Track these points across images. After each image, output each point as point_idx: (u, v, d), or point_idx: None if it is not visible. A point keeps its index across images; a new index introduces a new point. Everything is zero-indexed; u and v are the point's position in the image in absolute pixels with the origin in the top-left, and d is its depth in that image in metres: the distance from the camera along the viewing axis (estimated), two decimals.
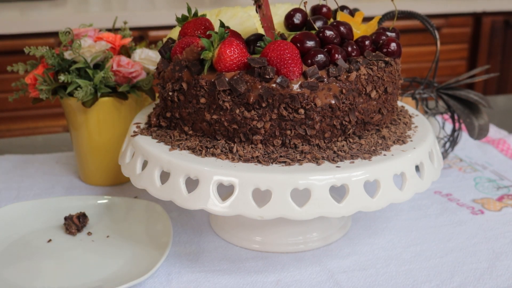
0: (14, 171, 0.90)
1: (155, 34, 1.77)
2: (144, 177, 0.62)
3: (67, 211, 0.74)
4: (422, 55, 2.03)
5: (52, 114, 1.77)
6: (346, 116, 0.61)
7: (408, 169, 0.61)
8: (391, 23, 0.71)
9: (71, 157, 0.94)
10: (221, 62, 0.59)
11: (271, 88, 0.58)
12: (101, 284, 0.61)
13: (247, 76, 0.58)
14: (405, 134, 0.67)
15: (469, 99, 0.82)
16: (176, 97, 0.64)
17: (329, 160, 0.59)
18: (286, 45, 0.57)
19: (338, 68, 0.59)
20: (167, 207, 0.76)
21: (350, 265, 0.66)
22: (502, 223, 0.75)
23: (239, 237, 0.70)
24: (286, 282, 0.63)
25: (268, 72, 0.57)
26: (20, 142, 1.04)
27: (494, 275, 0.64)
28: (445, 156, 0.90)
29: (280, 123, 0.59)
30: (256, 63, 0.57)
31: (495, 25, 2.09)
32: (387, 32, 0.68)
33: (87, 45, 0.77)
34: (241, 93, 0.58)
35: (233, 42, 0.59)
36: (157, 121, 0.67)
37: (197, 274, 0.64)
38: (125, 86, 0.78)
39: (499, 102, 1.29)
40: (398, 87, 0.68)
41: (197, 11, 0.66)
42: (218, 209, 0.57)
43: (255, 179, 0.56)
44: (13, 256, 0.66)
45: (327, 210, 0.57)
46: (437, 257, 0.67)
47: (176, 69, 0.63)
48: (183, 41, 0.63)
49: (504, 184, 0.86)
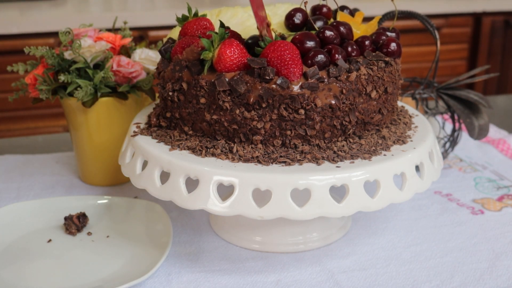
0: (14, 171, 0.90)
1: (155, 34, 1.77)
2: (144, 177, 0.62)
3: (67, 211, 0.74)
4: (422, 55, 2.03)
5: (52, 114, 1.77)
6: (346, 116, 0.61)
7: (408, 169, 0.61)
8: (391, 23, 0.71)
9: (71, 157, 0.94)
10: (221, 62, 0.59)
11: (271, 89, 0.58)
12: (101, 284, 0.61)
13: (247, 77, 0.58)
14: (405, 134, 0.67)
15: (469, 99, 0.82)
16: (176, 97, 0.64)
17: (329, 160, 0.59)
18: (286, 45, 0.57)
19: (338, 68, 0.59)
20: (167, 207, 0.76)
21: (350, 265, 0.66)
22: (502, 223, 0.75)
23: (239, 237, 0.70)
24: (286, 282, 0.63)
25: (268, 73, 0.57)
26: (20, 142, 1.04)
27: (494, 275, 0.64)
28: (445, 156, 0.90)
29: (280, 123, 0.59)
30: (256, 64, 0.57)
31: (495, 25, 2.09)
32: (387, 32, 0.68)
33: (87, 45, 0.77)
34: (241, 94, 0.58)
35: (233, 42, 0.59)
36: (157, 121, 0.67)
37: (197, 274, 0.64)
38: (125, 86, 0.78)
39: (499, 102, 1.29)
40: (398, 87, 0.68)
41: (197, 11, 0.66)
42: (218, 209, 0.57)
43: (255, 179, 0.56)
44: (13, 256, 0.66)
45: (327, 210, 0.57)
46: (437, 257, 0.67)
47: (176, 69, 0.63)
48: (183, 41, 0.63)
49: (504, 184, 0.86)
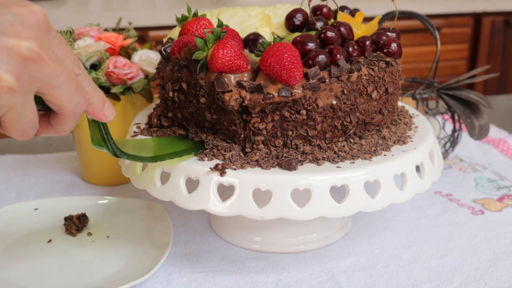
0: (14, 171, 0.90)
1: (155, 34, 1.77)
2: (144, 178, 0.62)
3: (67, 212, 0.74)
4: (422, 55, 2.03)
5: None
6: (347, 116, 0.61)
7: (409, 169, 0.61)
8: (392, 23, 0.71)
9: (72, 157, 0.94)
10: (213, 63, 0.58)
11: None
12: (101, 284, 0.61)
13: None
14: (405, 134, 0.66)
15: (470, 99, 0.82)
16: (177, 97, 0.64)
17: (330, 161, 0.59)
18: (285, 48, 0.56)
19: (339, 69, 0.59)
20: (167, 207, 0.76)
21: (350, 266, 0.66)
22: (502, 223, 0.75)
23: (240, 237, 0.70)
24: (287, 283, 0.63)
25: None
26: (20, 142, 1.04)
27: (495, 276, 0.64)
28: (446, 156, 0.90)
29: (282, 124, 0.59)
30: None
31: (495, 25, 2.09)
32: (388, 32, 0.68)
33: (85, 45, 0.77)
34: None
35: (227, 43, 0.57)
36: (158, 121, 0.67)
37: (197, 275, 0.64)
38: (118, 87, 0.77)
39: (499, 102, 1.29)
40: (399, 87, 0.68)
41: (197, 11, 0.66)
42: (219, 210, 0.57)
43: (256, 179, 0.56)
44: (13, 256, 0.66)
45: (327, 211, 0.57)
46: (438, 258, 0.67)
47: (175, 69, 0.63)
48: (181, 41, 0.62)
49: (504, 184, 0.86)
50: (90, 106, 0.46)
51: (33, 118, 0.42)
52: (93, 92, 0.46)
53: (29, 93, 0.40)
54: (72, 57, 0.44)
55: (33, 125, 0.42)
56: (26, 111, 0.41)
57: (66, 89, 0.42)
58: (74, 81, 0.43)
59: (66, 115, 0.44)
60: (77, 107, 0.44)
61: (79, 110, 0.44)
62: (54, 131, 0.46)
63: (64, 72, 0.42)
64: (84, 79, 0.45)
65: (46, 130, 0.46)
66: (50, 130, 0.46)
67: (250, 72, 0.59)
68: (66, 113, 0.44)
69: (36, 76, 0.40)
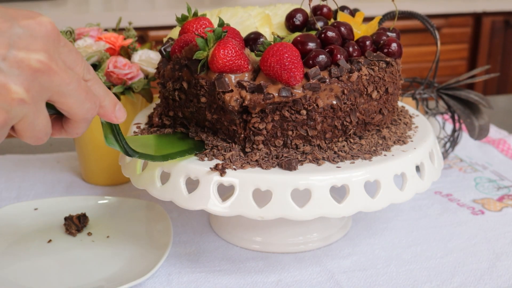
0: (14, 171, 0.90)
1: (155, 34, 1.77)
2: (144, 178, 0.62)
3: (67, 211, 0.74)
4: (422, 55, 2.03)
5: None
6: (347, 116, 0.61)
7: (409, 169, 0.61)
8: (392, 23, 0.71)
9: (72, 157, 0.94)
10: (214, 63, 0.58)
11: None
12: (101, 284, 0.61)
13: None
14: (405, 135, 0.66)
15: (470, 99, 0.82)
16: (177, 96, 0.64)
17: (330, 161, 0.59)
18: (285, 48, 0.56)
19: (340, 69, 0.59)
20: (167, 207, 0.76)
21: (350, 266, 0.66)
22: (502, 223, 0.75)
23: (240, 237, 0.70)
24: (287, 283, 0.63)
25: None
26: (20, 142, 1.04)
27: (495, 276, 0.64)
28: (446, 156, 0.90)
29: (282, 124, 0.59)
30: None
31: (495, 25, 2.09)
32: (388, 32, 0.68)
33: (85, 45, 0.77)
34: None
35: (228, 43, 0.57)
36: (159, 120, 0.67)
37: (197, 275, 0.64)
38: (118, 87, 0.77)
39: (500, 102, 1.29)
40: (399, 87, 0.68)
41: (196, 11, 0.66)
42: (219, 210, 0.57)
43: (256, 179, 0.56)
44: (13, 256, 0.66)
45: (327, 211, 0.57)
46: (438, 258, 0.67)
47: (176, 68, 0.63)
48: (182, 39, 0.62)
49: (504, 184, 0.86)
50: (102, 109, 0.48)
51: (45, 125, 0.43)
52: (104, 95, 0.47)
53: (40, 102, 0.42)
54: (82, 63, 0.45)
55: (46, 131, 0.44)
56: (38, 119, 0.42)
57: (76, 97, 0.43)
58: (84, 88, 0.44)
59: (78, 120, 0.45)
60: (88, 113, 0.45)
61: (89, 116, 0.46)
62: (67, 134, 0.47)
63: (73, 80, 0.43)
64: (95, 83, 0.46)
65: (59, 133, 0.48)
66: (63, 133, 0.47)
67: (250, 72, 0.59)
68: (77, 119, 0.45)
69: (47, 86, 0.41)
